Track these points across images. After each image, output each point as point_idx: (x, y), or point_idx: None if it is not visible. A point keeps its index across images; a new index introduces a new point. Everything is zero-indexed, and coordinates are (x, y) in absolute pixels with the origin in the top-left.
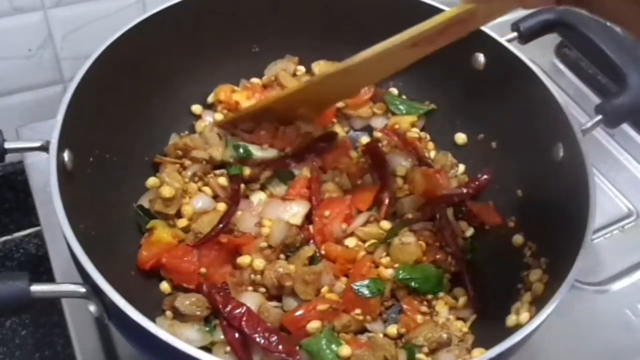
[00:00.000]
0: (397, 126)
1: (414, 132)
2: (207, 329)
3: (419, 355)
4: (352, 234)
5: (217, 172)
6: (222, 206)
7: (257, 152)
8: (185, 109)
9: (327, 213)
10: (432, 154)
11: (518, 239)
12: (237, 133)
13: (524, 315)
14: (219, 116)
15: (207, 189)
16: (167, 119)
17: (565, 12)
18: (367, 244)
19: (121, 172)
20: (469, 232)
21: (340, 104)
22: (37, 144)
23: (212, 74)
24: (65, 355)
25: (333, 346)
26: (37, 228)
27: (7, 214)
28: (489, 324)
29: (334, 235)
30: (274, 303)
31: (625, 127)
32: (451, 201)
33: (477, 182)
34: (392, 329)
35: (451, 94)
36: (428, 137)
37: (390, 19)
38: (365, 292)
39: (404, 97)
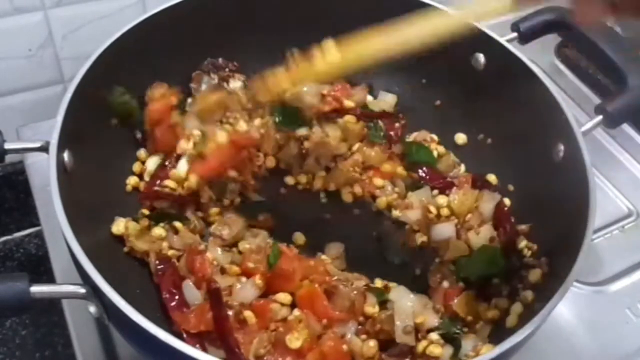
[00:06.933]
0: None
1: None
2: None
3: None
4: None
5: None
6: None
7: None
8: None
9: None
10: (435, 153)
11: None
12: None
13: (524, 315)
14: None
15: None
16: None
17: (565, 12)
18: None
19: (122, 172)
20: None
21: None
22: (37, 145)
23: None
24: (65, 355)
25: None
26: (37, 228)
27: (7, 214)
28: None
29: None
30: None
31: (625, 127)
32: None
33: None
34: None
35: (451, 94)
36: (435, 138)
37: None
38: None
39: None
